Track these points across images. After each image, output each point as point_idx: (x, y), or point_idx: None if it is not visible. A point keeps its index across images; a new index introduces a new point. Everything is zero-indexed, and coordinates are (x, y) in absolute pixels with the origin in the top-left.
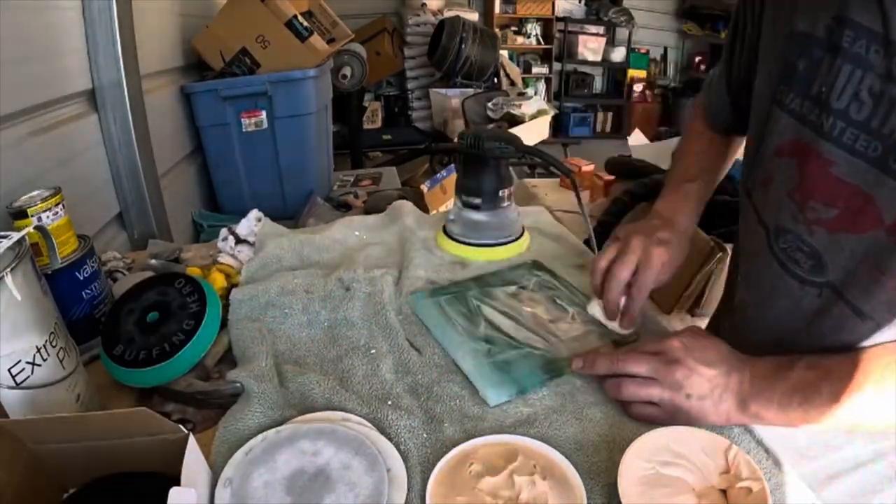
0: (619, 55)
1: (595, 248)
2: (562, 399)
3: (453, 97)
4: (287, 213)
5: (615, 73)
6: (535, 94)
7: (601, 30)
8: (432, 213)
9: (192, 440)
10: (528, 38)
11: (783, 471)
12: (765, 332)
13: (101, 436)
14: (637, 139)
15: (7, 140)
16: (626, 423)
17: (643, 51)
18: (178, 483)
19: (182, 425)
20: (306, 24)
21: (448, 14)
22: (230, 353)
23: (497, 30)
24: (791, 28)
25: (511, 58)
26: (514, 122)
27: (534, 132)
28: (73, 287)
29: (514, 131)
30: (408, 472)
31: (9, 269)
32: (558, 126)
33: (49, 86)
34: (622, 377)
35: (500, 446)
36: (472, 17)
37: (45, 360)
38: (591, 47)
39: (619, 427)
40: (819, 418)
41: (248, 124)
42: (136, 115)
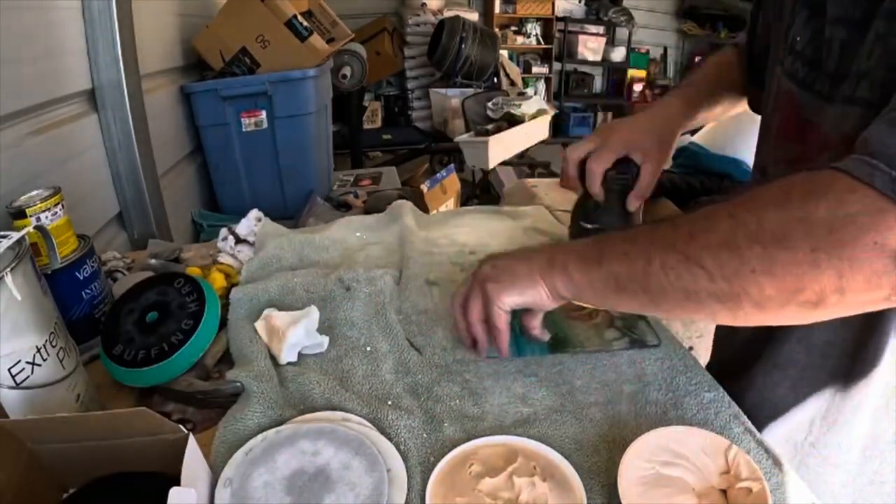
0: (619, 55)
1: None
2: (562, 399)
3: (453, 97)
4: (287, 213)
5: (615, 73)
6: (535, 93)
7: (601, 30)
8: (432, 213)
9: (192, 440)
10: (528, 37)
11: (783, 471)
12: None
13: (101, 436)
14: None
15: (7, 140)
16: (627, 423)
17: (643, 51)
18: (178, 483)
19: (182, 425)
20: (306, 23)
21: (448, 14)
22: (230, 352)
23: (497, 30)
24: None
25: (511, 58)
26: (514, 121)
27: (534, 132)
28: (72, 287)
29: (514, 131)
30: (408, 472)
31: (9, 269)
32: (558, 126)
33: (49, 86)
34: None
35: (500, 447)
36: (472, 16)
37: (45, 360)
38: (591, 47)
39: (619, 427)
40: (613, 264)
41: (247, 124)
42: (136, 114)
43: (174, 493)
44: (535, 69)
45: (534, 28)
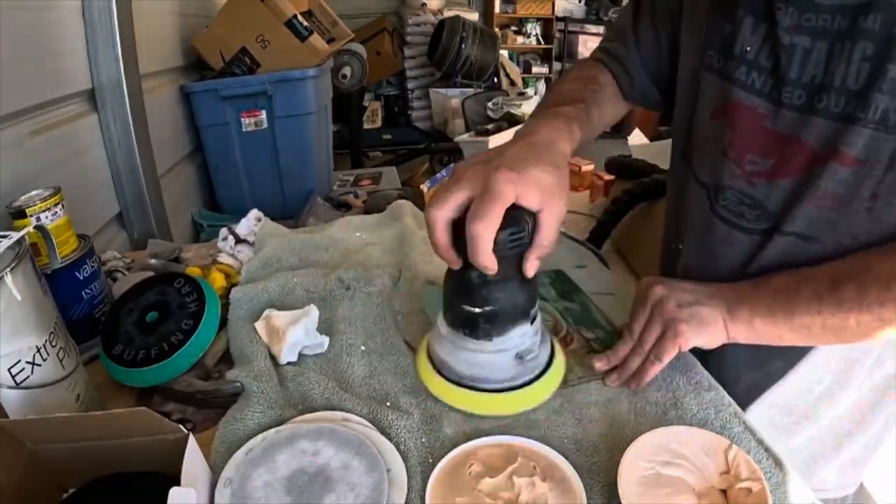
0: None
1: (594, 249)
2: (561, 399)
3: (453, 97)
4: (287, 213)
5: None
6: (535, 93)
7: (601, 29)
8: None
9: (192, 440)
10: (528, 37)
11: (783, 471)
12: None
13: (101, 436)
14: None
15: (7, 140)
16: (626, 423)
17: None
18: (178, 483)
19: (182, 425)
20: (306, 23)
21: (448, 14)
22: (230, 352)
23: (497, 30)
24: None
25: (511, 58)
26: (514, 121)
27: None
28: (72, 287)
29: (515, 131)
30: (408, 472)
31: (9, 269)
32: None
33: (49, 86)
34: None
35: (500, 447)
36: (472, 16)
37: (44, 360)
38: (591, 47)
39: (619, 427)
40: (805, 318)
41: (247, 124)
42: (136, 114)
43: (174, 493)
44: (535, 69)
45: (534, 28)
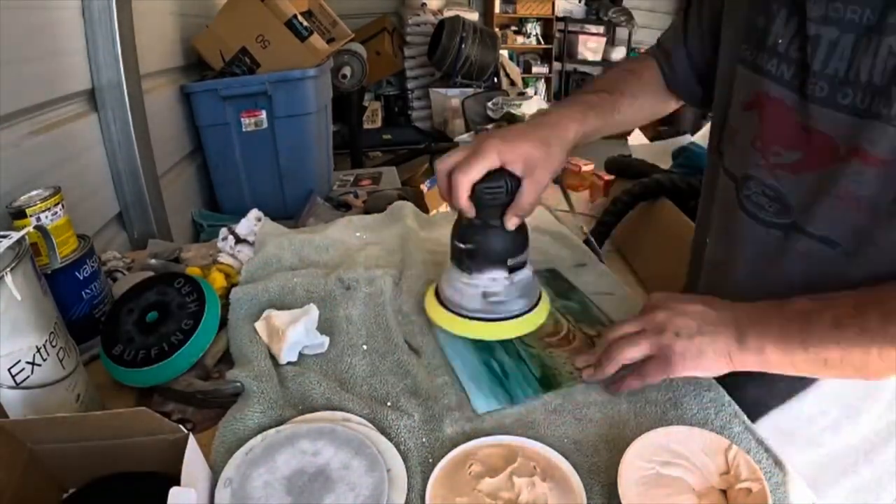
0: (619, 55)
1: (596, 248)
2: (561, 399)
3: (453, 97)
4: (287, 213)
5: None
6: (535, 93)
7: (601, 29)
8: (432, 213)
9: (192, 440)
10: (528, 37)
11: (783, 471)
12: (739, 286)
13: (100, 436)
14: (637, 139)
15: (7, 140)
16: (626, 423)
17: (643, 51)
18: (178, 483)
19: (182, 425)
20: (306, 23)
21: (448, 14)
22: (230, 352)
23: (497, 30)
24: None
25: (511, 58)
26: (514, 121)
27: None
28: (72, 287)
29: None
30: (408, 472)
31: (9, 269)
32: None
33: (49, 86)
34: (614, 344)
35: (500, 447)
36: (472, 16)
37: (44, 360)
38: (591, 47)
39: (619, 427)
40: (822, 349)
41: (247, 124)
42: (136, 114)
43: (174, 493)
44: (535, 69)
45: (534, 28)
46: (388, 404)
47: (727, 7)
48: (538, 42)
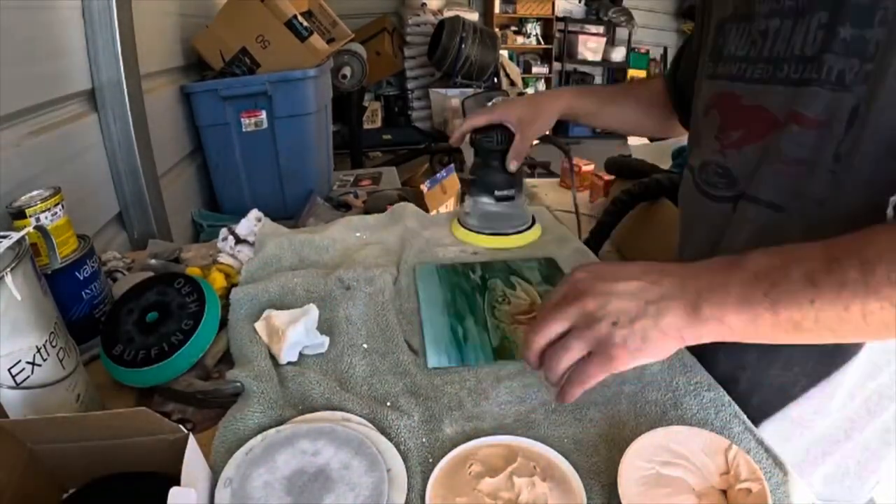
0: (619, 55)
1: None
2: None
3: (453, 97)
4: (287, 213)
5: (615, 73)
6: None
7: (601, 30)
8: (432, 213)
9: (192, 440)
10: (528, 37)
11: (783, 471)
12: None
13: (100, 436)
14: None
15: (7, 140)
16: (626, 423)
17: (643, 51)
18: (178, 483)
19: (182, 425)
20: (306, 23)
21: (448, 14)
22: (230, 352)
23: (497, 30)
24: (720, 15)
25: (511, 58)
26: None
27: None
28: (72, 287)
29: None
30: (408, 472)
31: (9, 269)
32: (558, 126)
33: (49, 86)
34: (547, 352)
35: (500, 447)
36: (472, 16)
37: (45, 360)
38: (591, 47)
39: (619, 427)
40: (795, 311)
41: (247, 124)
42: (136, 114)
43: (174, 493)
44: (535, 69)
45: (534, 28)
46: (388, 404)
47: (701, 43)
48: (538, 42)
